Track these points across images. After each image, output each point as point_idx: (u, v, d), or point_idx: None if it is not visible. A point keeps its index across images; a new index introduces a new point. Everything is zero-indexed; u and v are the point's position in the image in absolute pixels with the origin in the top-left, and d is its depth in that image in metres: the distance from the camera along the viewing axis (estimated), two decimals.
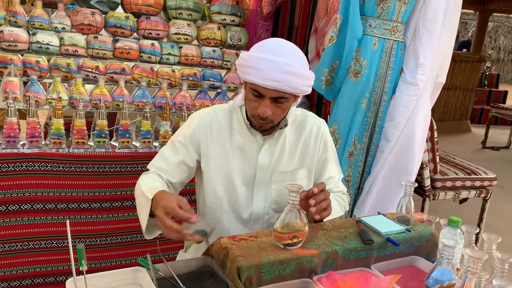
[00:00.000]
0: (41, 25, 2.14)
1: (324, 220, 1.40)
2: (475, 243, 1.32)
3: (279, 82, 1.29)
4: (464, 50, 9.19)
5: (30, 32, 2.16)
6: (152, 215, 1.30)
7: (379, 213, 1.50)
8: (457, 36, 14.59)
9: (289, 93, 1.34)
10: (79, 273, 1.03)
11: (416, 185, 1.43)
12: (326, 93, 2.35)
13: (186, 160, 1.47)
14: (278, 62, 1.28)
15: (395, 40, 2.25)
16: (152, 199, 1.28)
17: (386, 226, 1.38)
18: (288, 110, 1.43)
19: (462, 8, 2.37)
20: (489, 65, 9.04)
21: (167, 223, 1.19)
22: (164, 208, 1.21)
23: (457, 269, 1.27)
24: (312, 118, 1.57)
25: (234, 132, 1.48)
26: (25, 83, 2.17)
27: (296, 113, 1.53)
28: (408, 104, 2.28)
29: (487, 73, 8.66)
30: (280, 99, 1.34)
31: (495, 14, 9.98)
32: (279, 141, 1.49)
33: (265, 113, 1.34)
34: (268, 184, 1.49)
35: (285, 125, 1.46)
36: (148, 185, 1.37)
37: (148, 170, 1.51)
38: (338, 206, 1.53)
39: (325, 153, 1.57)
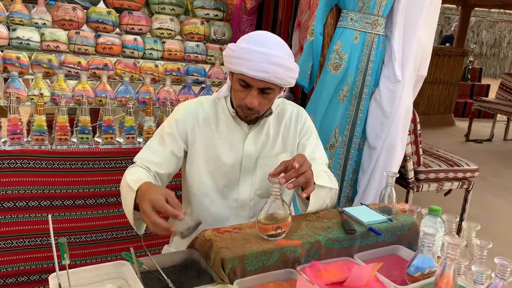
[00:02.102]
0: (21, 20, 2.11)
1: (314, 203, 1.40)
2: (458, 233, 1.35)
3: (268, 73, 1.32)
4: (447, 44, 9.28)
5: (10, 27, 2.13)
6: (137, 208, 1.25)
7: (361, 204, 1.52)
8: (440, 31, 14.76)
9: (275, 85, 1.37)
10: (63, 268, 1.03)
11: (398, 175, 1.45)
12: (308, 86, 2.36)
13: (174, 150, 1.47)
14: (268, 53, 1.32)
15: (376, 34, 2.27)
16: (137, 191, 1.23)
17: (368, 216, 1.40)
18: (273, 101, 1.47)
19: (444, 3, 2.41)
20: (472, 59, 9.16)
21: (153, 219, 1.13)
22: (151, 202, 1.15)
23: (438, 256, 1.30)
24: (291, 105, 1.62)
25: (220, 122, 1.51)
26: (5, 80, 2.14)
27: (277, 102, 1.56)
28: (394, 99, 2.30)
29: (470, 67, 8.76)
30: (267, 89, 1.38)
31: (477, 8, 10.09)
32: (264, 129, 1.53)
33: (252, 103, 1.37)
34: (253, 171, 1.52)
35: (270, 114, 1.50)
36: (133, 177, 1.34)
37: (134, 163, 1.48)
38: (327, 177, 1.50)
39: (306, 136, 1.59)
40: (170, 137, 1.47)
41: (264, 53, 1.31)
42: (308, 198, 1.37)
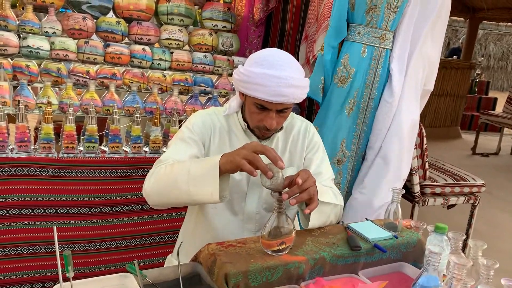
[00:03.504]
0: (31, 29, 2.14)
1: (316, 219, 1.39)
2: (463, 249, 1.33)
3: (286, 96, 1.34)
4: (454, 57, 9.28)
5: (21, 36, 2.15)
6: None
7: (367, 219, 1.51)
8: (448, 43, 14.76)
9: (291, 103, 1.39)
10: (66, 279, 1.03)
11: (404, 191, 1.44)
12: (320, 99, 2.37)
13: (198, 155, 1.46)
14: (284, 77, 1.32)
15: (384, 48, 2.27)
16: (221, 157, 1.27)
17: (373, 233, 1.39)
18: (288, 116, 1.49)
19: (452, 16, 2.41)
20: (479, 72, 9.13)
21: (257, 157, 1.21)
22: (253, 147, 1.23)
23: (444, 275, 1.29)
24: (299, 120, 1.63)
25: (232, 135, 1.52)
26: (14, 88, 2.15)
27: None
28: (388, 112, 2.30)
29: (477, 80, 8.74)
30: (284, 110, 1.40)
31: (485, 22, 10.09)
32: (273, 143, 1.54)
33: (272, 125, 1.39)
34: (260, 185, 1.51)
35: (281, 129, 1.51)
36: (191, 159, 1.37)
37: (157, 162, 1.43)
38: (332, 193, 1.49)
39: (313, 151, 1.59)
40: (193, 141, 1.47)
41: (280, 77, 1.32)
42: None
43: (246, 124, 1.49)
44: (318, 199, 1.32)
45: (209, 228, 1.52)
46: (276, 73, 1.32)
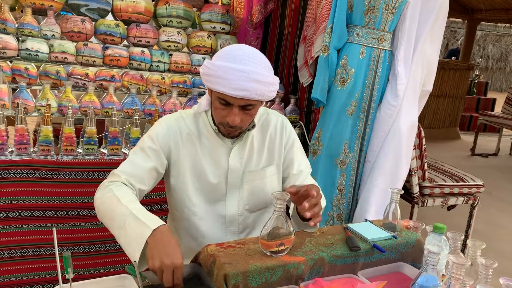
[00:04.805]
0: (30, 32, 2.14)
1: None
2: (463, 250, 1.34)
3: (248, 91, 1.29)
4: (453, 58, 9.28)
5: (20, 39, 2.16)
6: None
7: (366, 220, 1.52)
8: (446, 45, 14.78)
9: (256, 100, 1.34)
10: (66, 281, 1.03)
11: (402, 192, 1.45)
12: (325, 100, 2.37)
13: (158, 167, 1.43)
14: (246, 71, 1.28)
15: (383, 49, 2.28)
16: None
17: (372, 233, 1.39)
18: (255, 115, 1.44)
19: (451, 17, 2.42)
20: (477, 73, 9.13)
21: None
22: (161, 264, 1.09)
23: (443, 275, 1.29)
24: (275, 116, 1.58)
25: (203, 137, 1.47)
26: (14, 90, 2.16)
27: (260, 112, 1.53)
28: (392, 115, 2.30)
29: (476, 81, 8.75)
30: (248, 106, 1.35)
31: (483, 23, 10.12)
32: (247, 143, 1.50)
33: (234, 121, 1.34)
34: (240, 186, 1.50)
35: (253, 127, 1.47)
36: (128, 199, 1.27)
37: (116, 175, 1.39)
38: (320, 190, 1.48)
39: (292, 148, 1.57)
40: (154, 152, 1.42)
41: (242, 71, 1.27)
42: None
43: (217, 127, 1.44)
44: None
45: (192, 233, 1.50)
46: (237, 66, 1.28)
